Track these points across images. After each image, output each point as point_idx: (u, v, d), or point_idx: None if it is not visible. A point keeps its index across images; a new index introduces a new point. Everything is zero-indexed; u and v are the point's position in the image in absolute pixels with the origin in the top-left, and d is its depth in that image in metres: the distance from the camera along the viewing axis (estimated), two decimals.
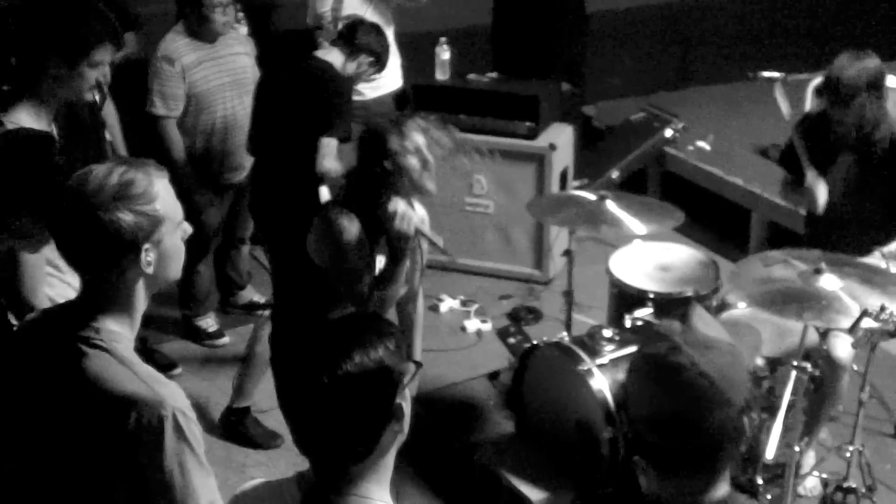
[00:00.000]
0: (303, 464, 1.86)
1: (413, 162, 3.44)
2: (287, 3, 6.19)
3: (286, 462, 3.87)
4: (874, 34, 8.03)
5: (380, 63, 4.55)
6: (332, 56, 4.41)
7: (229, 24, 4.80)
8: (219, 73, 4.78)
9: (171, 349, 5.05)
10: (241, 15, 5.56)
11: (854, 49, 3.99)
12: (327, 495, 1.80)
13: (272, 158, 4.43)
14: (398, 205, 3.34)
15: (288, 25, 5.96)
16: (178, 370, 4.80)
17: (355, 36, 4.46)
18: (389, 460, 1.85)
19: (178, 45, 4.71)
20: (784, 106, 4.02)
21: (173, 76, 4.69)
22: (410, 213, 3.39)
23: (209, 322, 5.23)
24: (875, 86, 3.92)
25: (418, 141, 3.45)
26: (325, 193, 4.33)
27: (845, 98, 3.88)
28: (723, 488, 1.79)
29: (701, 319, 1.78)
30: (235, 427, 4.35)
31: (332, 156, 4.24)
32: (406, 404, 1.82)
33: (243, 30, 5.50)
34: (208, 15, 4.66)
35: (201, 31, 4.73)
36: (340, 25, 4.74)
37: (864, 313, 2.68)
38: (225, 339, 5.15)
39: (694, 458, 1.74)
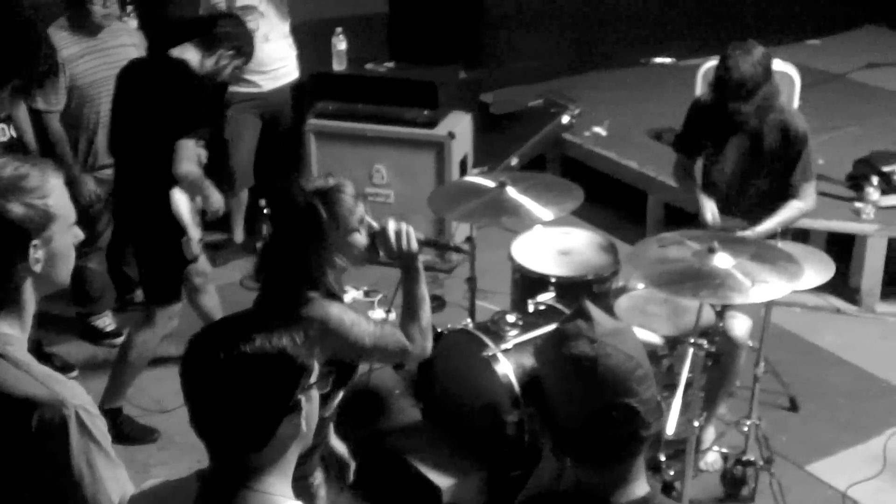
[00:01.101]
0: (206, 463, 1.84)
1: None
2: None
3: (190, 460, 3.81)
4: (761, 18, 8.26)
5: (243, 54, 4.37)
6: (188, 54, 4.23)
7: (112, 16, 4.70)
8: (104, 66, 4.68)
9: (68, 351, 4.94)
10: (129, 7, 5.47)
11: (738, 41, 4.08)
12: (225, 487, 1.78)
13: (129, 159, 4.30)
14: (389, 224, 2.85)
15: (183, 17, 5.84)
16: (74, 373, 4.68)
17: (212, 29, 4.32)
18: (291, 457, 1.83)
19: (58, 38, 4.59)
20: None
21: None
22: (405, 227, 2.91)
23: (106, 321, 5.13)
24: (768, 73, 4.03)
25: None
26: (179, 197, 4.21)
27: (746, 94, 3.97)
28: (643, 486, 1.84)
29: (596, 312, 1.83)
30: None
31: (189, 159, 4.10)
32: (309, 404, 1.81)
33: (133, 23, 5.40)
34: (88, 6, 4.57)
35: (84, 23, 4.65)
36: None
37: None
38: (123, 339, 5.05)
39: (629, 441, 1.79)
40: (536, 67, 7.80)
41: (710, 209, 4.17)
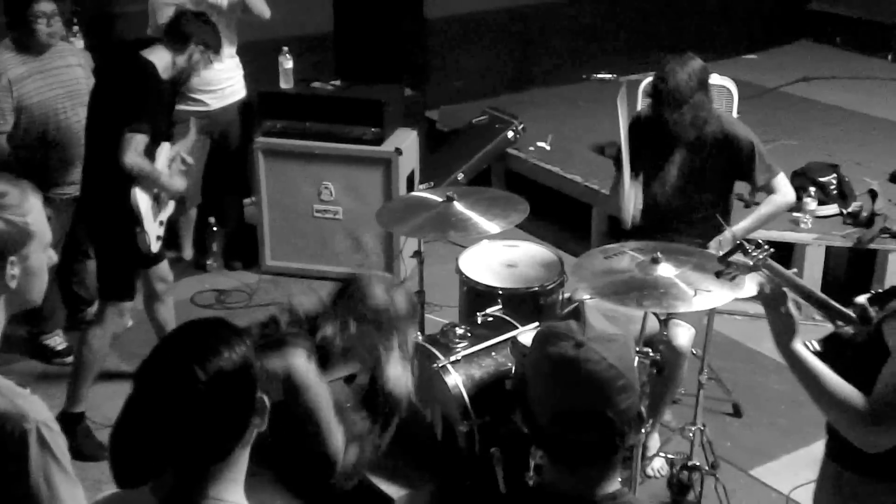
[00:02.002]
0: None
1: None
2: (129, 14, 6.08)
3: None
4: (699, 34, 8.42)
5: (211, 48, 4.47)
6: (156, 55, 4.31)
7: (56, 36, 4.70)
8: (50, 85, 4.69)
9: (19, 370, 4.90)
10: (76, 28, 5.48)
11: (676, 54, 4.19)
12: (186, 499, 1.78)
13: (90, 153, 4.40)
14: (396, 367, 2.93)
15: (131, 38, 5.85)
16: (26, 391, 4.65)
17: (179, 27, 4.40)
18: (245, 458, 1.85)
19: (4, 59, 4.61)
20: (622, 111, 4.19)
21: (0, 90, 4.59)
22: (406, 376, 2.98)
23: (57, 340, 5.11)
24: (704, 85, 4.14)
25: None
26: (139, 196, 4.26)
27: (680, 101, 4.06)
28: (615, 483, 1.87)
29: (593, 315, 1.85)
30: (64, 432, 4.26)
31: (135, 151, 4.15)
32: (266, 398, 1.84)
33: (79, 42, 5.41)
34: (32, 26, 4.58)
35: (29, 43, 4.64)
36: None
37: (739, 246, 2.72)
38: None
39: (600, 447, 1.80)
40: (480, 84, 7.89)
41: (632, 202, 4.20)
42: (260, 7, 5.67)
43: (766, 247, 2.58)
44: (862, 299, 2.54)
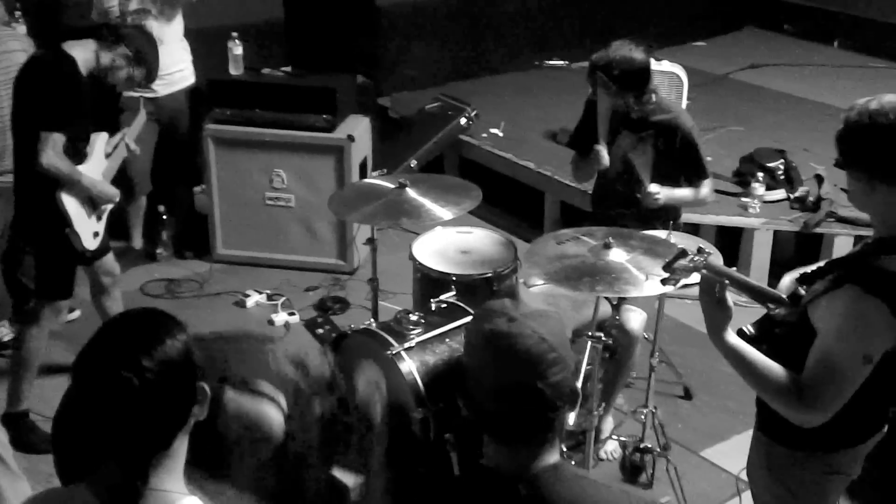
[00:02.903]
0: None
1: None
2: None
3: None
4: (649, 20, 8.48)
5: (143, 62, 4.30)
6: (79, 49, 4.17)
7: None
8: None
9: None
10: (18, 14, 5.39)
11: (625, 39, 4.23)
12: (129, 491, 1.77)
13: (18, 153, 4.26)
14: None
15: (79, 24, 5.76)
16: None
17: (118, 28, 4.31)
18: (184, 447, 1.84)
19: None
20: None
21: None
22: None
23: (2, 331, 5.04)
24: (643, 65, 4.16)
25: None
26: (65, 198, 4.17)
27: (617, 74, 4.10)
28: (554, 455, 1.89)
29: (527, 294, 1.88)
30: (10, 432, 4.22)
31: (52, 151, 4.05)
32: (206, 386, 1.84)
33: (21, 28, 5.32)
34: None
35: None
36: (130, 20, 4.63)
37: (681, 253, 2.84)
38: None
39: (535, 421, 1.83)
40: (432, 72, 7.89)
41: (605, 156, 4.25)
42: None
43: (707, 251, 2.71)
44: (789, 279, 2.62)
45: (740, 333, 2.60)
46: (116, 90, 4.45)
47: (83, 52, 4.17)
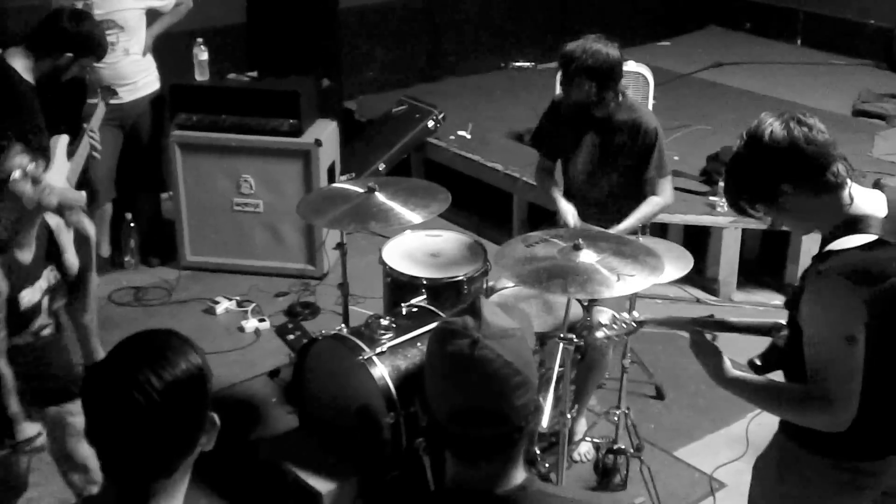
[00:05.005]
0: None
1: None
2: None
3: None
4: (613, 21, 8.50)
5: (88, 52, 4.22)
6: (17, 58, 4.11)
7: None
8: None
9: None
10: None
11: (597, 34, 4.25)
12: None
13: None
14: None
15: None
16: None
17: (41, 34, 4.22)
18: (186, 478, 1.81)
19: None
20: None
21: None
22: None
23: None
24: (609, 59, 4.16)
25: None
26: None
27: (616, 78, 4.14)
28: (520, 473, 1.84)
29: (489, 310, 1.82)
30: None
31: None
32: (216, 415, 1.81)
33: None
34: None
35: None
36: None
37: (599, 324, 3.09)
38: None
39: (498, 442, 1.78)
40: (394, 74, 7.88)
41: (570, 213, 4.28)
42: None
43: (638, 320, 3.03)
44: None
45: (751, 364, 2.62)
46: (78, 80, 4.36)
47: (23, 60, 4.09)
